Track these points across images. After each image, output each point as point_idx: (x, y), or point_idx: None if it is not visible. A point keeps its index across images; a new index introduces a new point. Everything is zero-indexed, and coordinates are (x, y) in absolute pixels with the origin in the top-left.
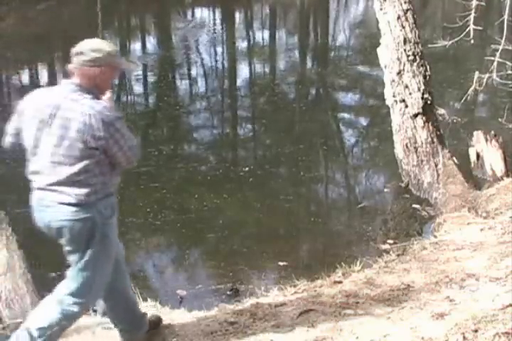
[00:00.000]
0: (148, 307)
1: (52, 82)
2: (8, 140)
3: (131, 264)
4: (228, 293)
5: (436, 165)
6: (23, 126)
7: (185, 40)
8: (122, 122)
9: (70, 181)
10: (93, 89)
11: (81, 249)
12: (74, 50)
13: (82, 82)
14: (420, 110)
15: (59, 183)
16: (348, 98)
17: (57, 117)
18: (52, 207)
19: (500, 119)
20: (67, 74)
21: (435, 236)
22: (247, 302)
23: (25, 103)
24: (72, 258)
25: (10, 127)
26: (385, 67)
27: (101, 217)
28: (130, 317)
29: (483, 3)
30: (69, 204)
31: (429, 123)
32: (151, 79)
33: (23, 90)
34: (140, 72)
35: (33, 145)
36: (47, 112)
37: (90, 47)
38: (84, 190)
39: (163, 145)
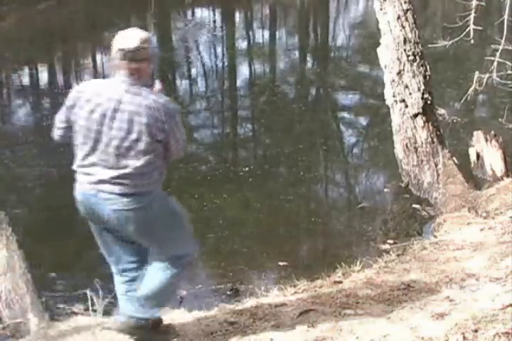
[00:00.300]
0: None
1: (53, 82)
2: (59, 132)
3: None
4: (228, 293)
5: (436, 165)
6: (77, 119)
7: (185, 40)
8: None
9: (134, 173)
10: (145, 82)
11: (151, 229)
12: (121, 44)
13: (135, 75)
14: (420, 110)
15: (123, 176)
16: (348, 98)
17: (120, 111)
18: (114, 199)
19: (500, 119)
20: (66, 73)
21: (435, 236)
22: (247, 303)
23: (77, 96)
24: (147, 239)
25: (60, 120)
26: (385, 67)
27: (162, 203)
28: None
29: (483, 3)
30: (131, 194)
31: (429, 123)
32: None
33: (23, 90)
34: None
35: (94, 138)
36: (109, 106)
37: (138, 42)
38: (146, 181)
39: None
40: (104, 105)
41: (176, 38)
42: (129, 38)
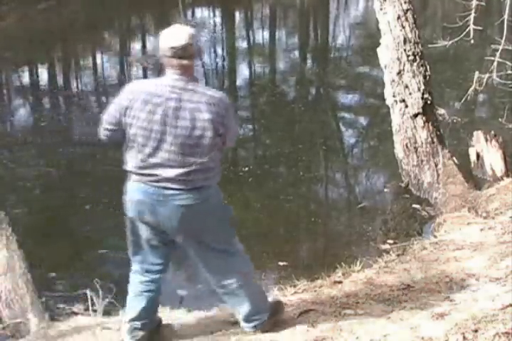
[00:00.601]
0: None
1: (52, 81)
2: (107, 134)
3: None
4: None
5: (436, 165)
6: (134, 121)
7: None
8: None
9: (200, 169)
10: (193, 78)
11: (218, 224)
12: (170, 42)
13: (186, 73)
14: (420, 110)
15: (189, 173)
16: (348, 98)
17: (182, 109)
18: (179, 195)
19: (500, 119)
20: (66, 73)
21: (435, 236)
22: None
23: (132, 98)
24: (199, 234)
25: (109, 122)
26: (385, 67)
27: (218, 197)
28: None
29: (483, 3)
30: (196, 189)
31: (429, 123)
32: (151, 78)
33: (22, 90)
34: (140, 73)
35: (157, 139)
36: (169, 106)
37: (187, 38)
38: (209, 175)
39: None
40: (164, 105)
41: None
42: (177, 35)
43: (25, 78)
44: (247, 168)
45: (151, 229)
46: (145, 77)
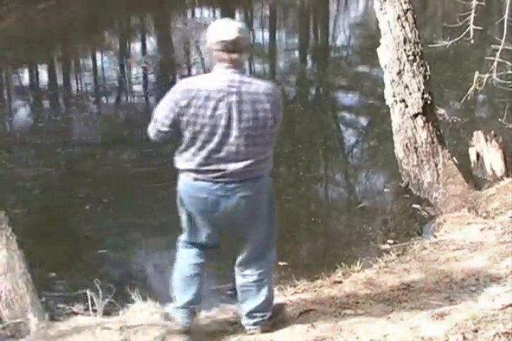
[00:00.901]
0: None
1: (52, 82)
2: (162, 135)
3: (131, 264)
4: (228, 293)
5: (436, 165)
6: (196, 119)
7: (186, 40)
8: None
9: (261, 159)
10: (243, 71)
11: (267, 213)
12: (221, 36)
13: (237, 67)
14: (420, 110)
15: (253, 164)
16: (348, 98)
17: (244, 102)
18: (242, 187)
19: (500, 119)
20: (66, 73)
21: (435, 236)
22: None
23: (191, 96)
24: (255, 225)
25: (165, 124)
26: (385, 67)
27: (270, 185)
28: None
29: (483, 3)
30: (256, 179)
31: (429, 123)
32: (151, 79)
33: (22, 90)
34: (140, 73)
35: (222, 134)
36: (231, 100)
37: (238, 32)
38: (267, 165)
39: (162, 146)
40: (226, 99)
41: (176, 38)
42: (228, 29)
43: (25, 78)
44: None
45: (209, 221)
46: (145, 77)
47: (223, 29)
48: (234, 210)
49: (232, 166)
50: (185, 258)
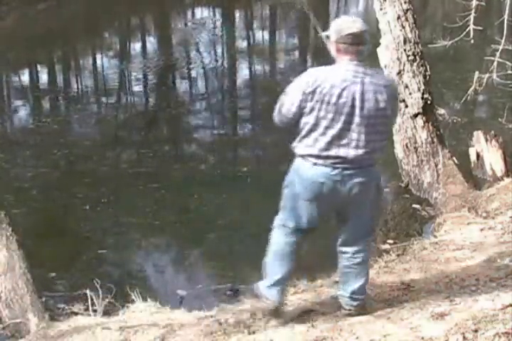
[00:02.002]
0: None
1: (52, 82)
2: (287, 121)
3: (131, 264)
4: (228, 293)
5: (436, 165)
6: (321, 105)
7: (185, 40)
8: None
9: (378, 147)
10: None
11: (375, 198)
12: (350, 29)
13: (362, 58)
14: (420, 110)
15: (371, 151)
16: None
17: (366, 92)
18: (360, 174)
19: (500, 119)
20: (66, 73)
21: (435, 236)
22: (247, 303)
23: (317, 84)
24: (361, 210)
25: (290, 108)
26: (385, 67)
27: (379, 175)
28: None
29: (483, 3)
30: (371, 166)
31: (429, 123)
32: (151, 79)
33: (22, 90)
34: (140, 72)
35: (344, 121)
36: (355, 89)
37: (363, 26)
38: (380, 154)
39: (162, 146)
40: (350, 88)
41: (176, 38)
42: (354, 23)
43: (25, 78)
44: (247, 168)
45: (318, 204)
46: (144, 77)
47: (350, 24)
48: (346, 195)
49: (352, 153)
50: (281, 238)
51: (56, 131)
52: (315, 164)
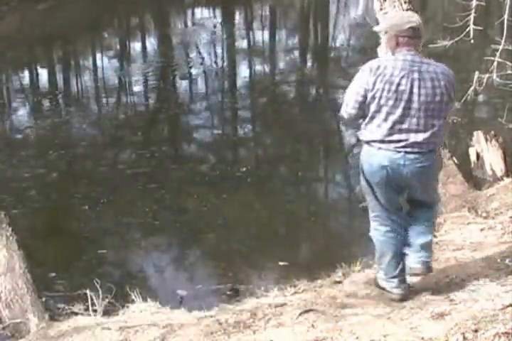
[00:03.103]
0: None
1: (52, 82)
2: (355, 112)
3: (131, 264)
4: (228, 293)
5: None
6: (382, 93)
7: (185, 40)
8: None
9: (437, 131)
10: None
11: (436, 180)
12: (410, 23)
13: (418, 49)
14: None
15: (431, 135)
16: None
17: (424, 79)
18: (421, 158)
19: (500, 119)
20: (66, 73)
21: (435, 236)
22: (247, 303)
23: (375, 73)
24: (424, 191)
25: (356, 99)
26: None
27: (441, 159)
28: None
29: (483, 3)
30: (432, 150)
31: None
32: (150, 79)
33: (22, 90)
34: (140, 72)
35: (404, 107)
36: (414, 77)
37: (420, 21)
38: (440, 139)
39: (162, 146)
40: (409, 76)
41: (176, 38)
42: (413, 17)
43: (24, 78)
44: (247, 168)
45: (386, 187)
46: (145, 77)
47: (409, 18)
48: (410, 178)
49: (413, 137)
50: (378, 230)
51: (56, 131)
52: (379, 149)
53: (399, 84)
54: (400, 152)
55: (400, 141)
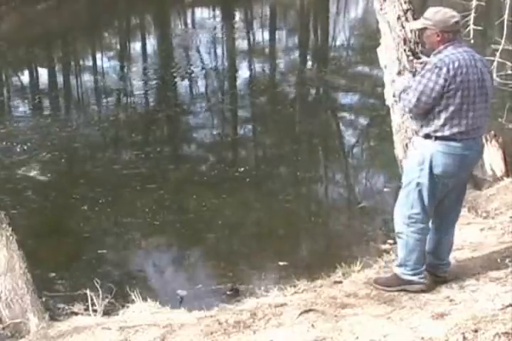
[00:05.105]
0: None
1: (52, 82)
2: (425, 106)
3: (131, 264)
4: (228, 293)
5: None
6: (464, 87)
7: (185, 40)
8: None
9: (488, 120)
10: None
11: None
12: (455, 18)
13: (462, 41)
14: None
15: (487, 122)
16: (348, 98)
17: (483, 73)
18: (478, 146)
19: (500, 119)
20: (66, 73)
21: None
22: (247, 303)
23: (447, 69)
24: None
25: (429, 94)
26: (385, 67)
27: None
28: None
29: (483, 3)
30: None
31: None
32: (150, 79)
33: (22, 90)
34: (139, 72)
35: (475, 101)
36: (477, 72)
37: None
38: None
39: (161, 146)
40: (474, 73)
41: (176, 38)
42: (452, 12)
43: (24, 78)
44: (246, 168)
45: (455, 179)
46: (145, 77)
47: (452, 13)
48: (473, 164)
49: (482, 129)
50: (415, 227)
51: (55, 131)
52: (460, 140)
53: (470, 81)
54: (475, 138)
55: (475, 129)
